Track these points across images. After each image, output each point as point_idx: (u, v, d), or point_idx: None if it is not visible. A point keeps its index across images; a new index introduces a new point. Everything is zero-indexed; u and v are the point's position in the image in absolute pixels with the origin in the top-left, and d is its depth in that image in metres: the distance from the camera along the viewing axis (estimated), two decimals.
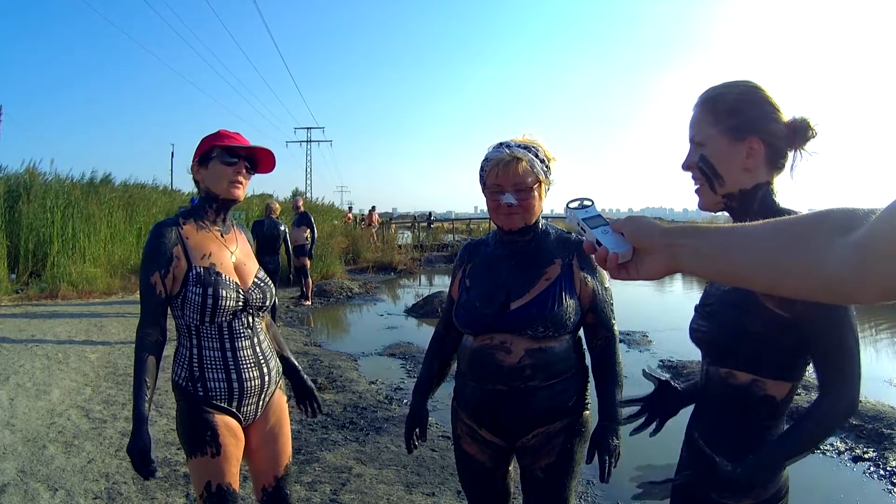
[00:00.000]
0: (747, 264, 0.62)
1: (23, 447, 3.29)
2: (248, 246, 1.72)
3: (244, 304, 1.57)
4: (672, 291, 11.26)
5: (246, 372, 1.55)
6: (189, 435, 1.51)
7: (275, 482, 1.63)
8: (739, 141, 1.06)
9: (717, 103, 1.08)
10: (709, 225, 0.68)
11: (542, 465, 1.48)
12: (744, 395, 1.08)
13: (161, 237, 1.52)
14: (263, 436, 1.62)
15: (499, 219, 1.49)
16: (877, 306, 0.57)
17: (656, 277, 0.71)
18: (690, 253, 0.66)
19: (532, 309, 1.44)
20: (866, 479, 3.24)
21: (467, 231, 26.16)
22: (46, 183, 11.09)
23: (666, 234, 0.68)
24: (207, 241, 1.58)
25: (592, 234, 0.76)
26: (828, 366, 1.00)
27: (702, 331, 1.15)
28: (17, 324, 6.71)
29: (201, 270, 1.52)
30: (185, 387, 1.53)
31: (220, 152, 1.56)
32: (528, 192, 1.44)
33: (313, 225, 8.65)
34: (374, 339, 6.87)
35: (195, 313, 1.51)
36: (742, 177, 1.07)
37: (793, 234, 0.59)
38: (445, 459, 3.27)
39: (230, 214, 1.68)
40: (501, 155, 1.43)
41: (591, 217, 0.79)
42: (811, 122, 1.06)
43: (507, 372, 1.44)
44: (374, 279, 12.78)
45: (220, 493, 1.48)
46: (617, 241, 0.73)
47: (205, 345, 1.53)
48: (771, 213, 1.05)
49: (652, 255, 0.70)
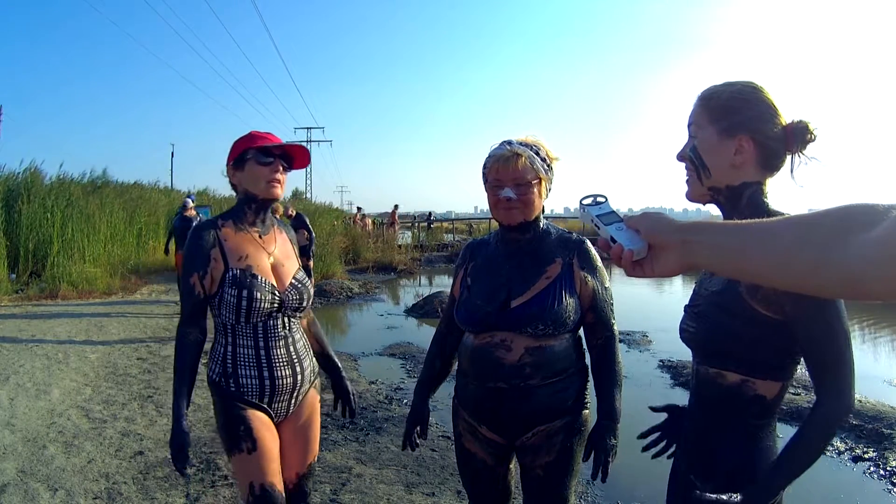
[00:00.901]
0: (765, 261, 0.61)
1: (23, 447, 3.29)
2: (288, 246, 1.73)
3: (279, 306, 1.59)
4: (672, 292, 11.26)
5: (278, 370, 1.58)
6: (225, 431, 1.55)
7: (297, 479, 1.65)
8: (729, 138, 1.07)
9: (713, 100, 1.09)
10: (725, 221, 0.67)
11: (543, 464, 1.48)
12: (734, 395, 1.08)
13: (199, 240, 1.56)
14: (293, 433, 1.65)
15: (498, 213, 1.51)
16: (876, 306, 0.57)
17: (672, 274, 0.70)
18: (706, 249, 0.65)
19: (532, 307, 1.44)
20: (866, 479, 3.24)
21: (467, 231, 26.16)
22: (46, 183, 11.10)
23: (681, 231, 0.68)
24: (245, 242, 1.61)
25: (607, 230, 0.75)
26: (819, 370, 1.00)
27: (690, 331, 1.15)
28: (17, 324, 6.72)
29: (237, 272, 1.55)
30: (219, 382, 1.56)
31: (254, 153, 1.58)
32: (526, 187, 1.46)
33: (309, 226, 8.70)
34: (374, 339, 6.87)
35: (231, 313, 1.55)
36: (729, 172, 1.08)
37: (812, 231, 0.58)
38: (445, 459, 3.27)
39: (270, 214, 1.70)
40: (502, 151, 1.47)
41: (604, 214, 0.78)
42: (810, 126, 1.06)
43: (508, 370, 1.45)
44: (374, 279, 12.78)
45: (264, 494, 1.49)
46: (632, 237, 0.72)
47: (239, 343, 1.56)
48: (760, 213, 1.06)
49: (667, 252, 0.69)
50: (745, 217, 1.06)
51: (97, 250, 10.35)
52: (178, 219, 7.96)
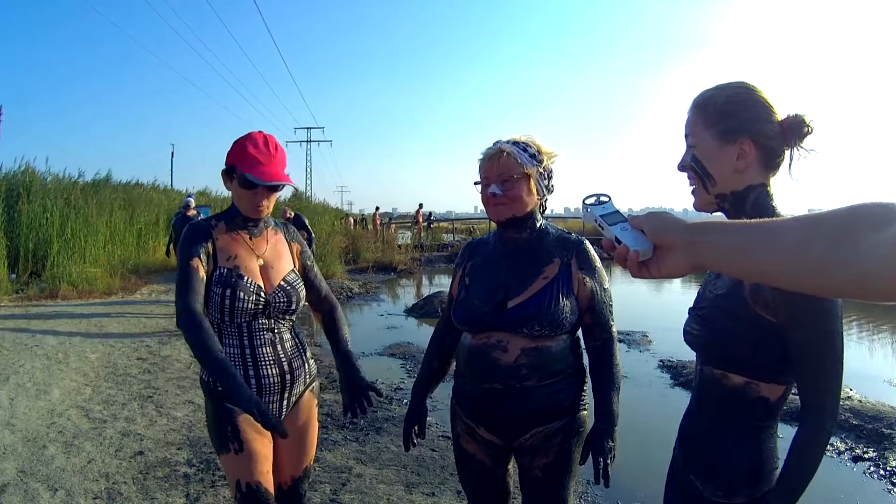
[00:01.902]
0: (774, 261, 0.59)
1: (23, 447, 3.29)
2: (282, 247, 1.70)
3: (265, 307, 1.58)
4: (672, 291, 11.26)
5: (264, 369, 1.57)
6: (214, 432, 1.55)
7: (291, 482, 1.65)
8: (730, 143, 1.06)
9: (708, 106, 1.08)
10: (733, 221, 0.66)
11: (541, 465, 1.48)
12: (738, 396, 1.08)
13: (196, 234, 1.57)
14: (290, 436, 1.62)
15: (489, 210, 1.53)
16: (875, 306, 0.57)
17: (680, 275, 0.69)
18: (714, 249, 0.64)
19: (529, 307, 1.44)
20: (866, 479, 3.24)
21: (467, 231, 26.16)
22: (46, 183, 11.10)
23: (688, 231, 0.66)
24: (235, 243, 1.61)
25: (611, 231, 0.73)
26: (804, 381, 1.01)
27: (695, 334, 1.15)
28: (17, 324, 6.72)
29: (224, 271, 1.55)
30: (209, 382, 1.57)
31: (240, 177, 1.56)
32: (512, 182, 1.47)
33: (308, 226, 8.72)
34: (374, 339, 6.87)
35: (216, 312, 1.55)
36: (733, 178, 1.08)
37: (824, 230, 0.56)
38: (445, 459, 3.27)
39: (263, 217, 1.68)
40: (489, 150, 1.51)
41: (608, 213, 0.76)
42: (806, 119, 1.05)
43: (504, 371, 1.45)
44: (374, 279, 12.78)
45: (250, 492, 1.50)
46: (637, 238, 0.71)
47: (226, 342, 1.56)
48: (766, 215, 1.05)
49: (674, 252, 0.68)
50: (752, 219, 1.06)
51: (97, 250, 10.34)
52: (179, 218, 7.97)
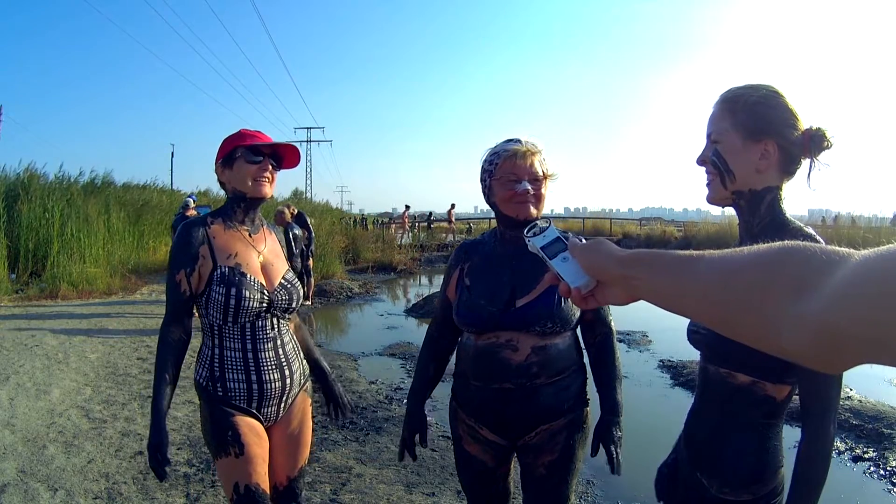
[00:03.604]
0: (700, 314, 0.57)
1: (23, 447, 3.29)
2: (277, 246, 1.71)
3: (268, 306, 1.56)
4: None
5: (267, 374, 1.55)
6: (212, 436, 1.52)
7: (287, 482, 1.64)
8: (755, 142, 1.07)
9: (738, 103, 1.09)
10: (663, 253, 0.61)
11: (545, 463, 1.48)
12: (744, 394, 1.09)
13: (188, 236, 1.53)
14: (283, 437, 1.62)
15: (511, 207, 1.49)
16: None
17: (623, 304, 0.67)
18: (645, 287, 0.61)
19: (538, 305, 1.45)
20: (866, 479, 3.24)
21: (467, 231, 26.16)
22: (46, 183, 11.10)
23: (621, 265, 0.63)
24: (234, 240, 1.58)
25: (552, 266, 0.72)
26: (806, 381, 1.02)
27: (700, 333, 1.16)
28: (17, 324, 6.72)
29: (226, 270, 1.52)
30: (206, 386, 1.54)
31: (244, 152, 1.56)
32: (541, 182, 1.50)
33: (309, 226, 8.71)
34: (374, 338, 6.87)
35: (218, 312, 1.52)
36: (753, 177, 1.09)
37: (742, 288, 0.51)
38: (445, 459, 3.27)
39: (259, 214, 1.68)
40: (518, 146, 1.49)
41: (549, 243, 0.74)
42: (827, 133, 1.07)
43: (515, 370, 1.45)
44: (374, 279, 12.78)
45: (248, 493, 1.48)
46: (577, 272, 0.69)
47: (226, 345, 1.54)
48: (777, 220, 1.08)
49: (610, 287, 0.66)
50: (762, 222, 1.09)
51: (97, 250, 10.33)
52: (179, 218, 7.97)
